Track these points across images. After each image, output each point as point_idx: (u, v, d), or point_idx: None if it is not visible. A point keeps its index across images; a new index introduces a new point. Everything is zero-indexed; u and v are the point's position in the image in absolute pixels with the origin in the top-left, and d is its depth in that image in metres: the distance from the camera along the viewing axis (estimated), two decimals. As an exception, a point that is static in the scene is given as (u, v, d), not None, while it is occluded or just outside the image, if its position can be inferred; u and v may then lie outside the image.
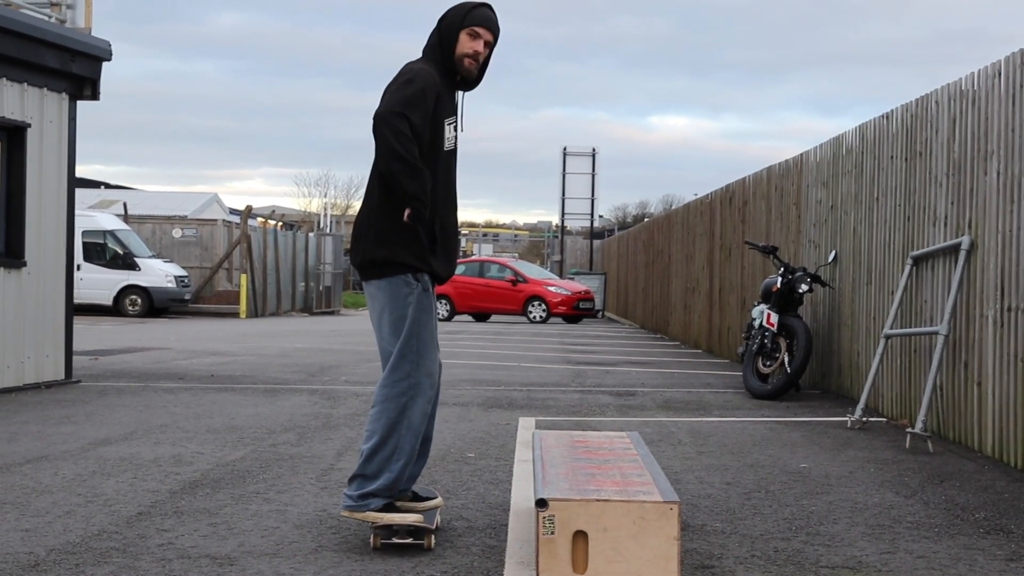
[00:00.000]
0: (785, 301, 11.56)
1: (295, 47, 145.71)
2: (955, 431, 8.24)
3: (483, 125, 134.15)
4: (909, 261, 9.21)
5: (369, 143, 4.96)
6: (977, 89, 8.05)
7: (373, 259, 4.99)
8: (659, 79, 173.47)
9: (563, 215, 46.17)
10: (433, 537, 4.90)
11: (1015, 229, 7.33)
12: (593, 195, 45.16)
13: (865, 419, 9.13)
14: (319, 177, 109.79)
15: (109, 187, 55.35)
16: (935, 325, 8.55)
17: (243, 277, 33.18)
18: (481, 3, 5.10)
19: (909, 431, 8.08)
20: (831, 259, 11.48)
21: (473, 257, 43.18)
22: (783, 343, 11.39)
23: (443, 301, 31.21)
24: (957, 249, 8.23)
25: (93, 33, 12.04)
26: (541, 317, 31.63)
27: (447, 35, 5.05)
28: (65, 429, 8.34)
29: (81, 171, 37.19)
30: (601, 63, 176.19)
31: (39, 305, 11.32)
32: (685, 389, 12.12)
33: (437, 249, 5.01)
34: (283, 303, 36.13)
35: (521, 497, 5.91)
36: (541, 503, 4.19)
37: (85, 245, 30.10)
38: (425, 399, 4.98)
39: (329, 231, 49.45)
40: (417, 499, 5.12)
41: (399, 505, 4.97)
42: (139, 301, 31.16)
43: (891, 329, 9.34)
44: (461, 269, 32.43)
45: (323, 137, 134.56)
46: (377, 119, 4.81)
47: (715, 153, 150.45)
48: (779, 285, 11.58)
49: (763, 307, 11.82)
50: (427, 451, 5.22)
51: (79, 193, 14.62)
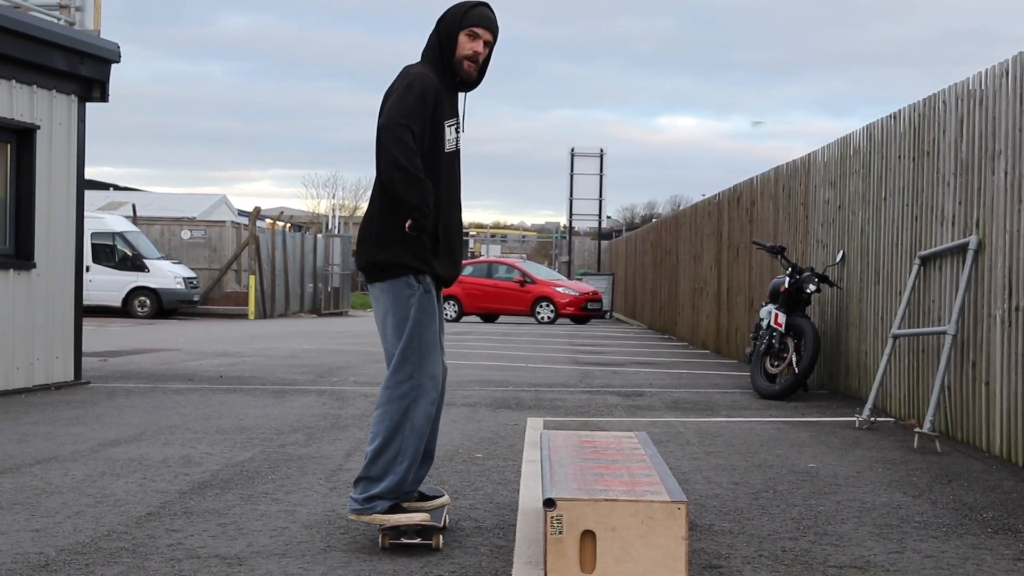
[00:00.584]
0: (793, 301, 11.55)
1: (302, 49, 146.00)
2: (963, 431, 8.23)
3: (491, 126, 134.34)
4: (917, 261, 9.20)
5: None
6: (984, 89, 8.04)
7: (376, 261, 4.99)
8: (667, 80, 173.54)
9: (571, 216, 46.12)
10: (441, 537, 4.90)
11: (1023, 229, 7.33)
12: (601, 196, 45.11)
13: (873, 419, 9.12)
14: (327, 178, 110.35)
15: (118, 189, 55.49)
16: (943, 325, 8.54)
17: (251, 278, 33.24)
18: (479, 2, 5.06)
19: (917, 431, 8.07)
20: (839, 259, 11.48)
21: (481, 258, 43.25)
22: (791, 343, 11.38)
23: (451, 302, 31.21)
24: (965, 249, 8.22)
25: (102, 35, 12.08)
26: (549, 318, 31.63)
27: (446, 37, 5.03)
28: (75, 430, 8.37)
29: (90, 173, 37.16)
30: (609, 64, 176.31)
31: (49, 307, 11.35)
32: (693, 389, 12.12)
33: (440, 251, 5.01)
34: (291, 304, 36.17)
35: (529, 497, 5.92)
36: (549, 503, 4.19)
37: (94, 247, 30.19)
38: (428, 401, 4.97)
39: (337, 232, 49.57)
40: (424, 498, 5.12)
41: (405, 505, 4.97)
42: (148, 302, 31.23)
43: (899, 329, 9.34)
44: (469, 270, 32.49)
45: (331, 138, 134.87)
46: (381, 131, 4.82)
47: (723, 153, 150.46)
48: (787, 285, 11.57)
49: (771, 307, 11.82)
50: (430, 460, 5.22)
51: (88, 195, 14.68)
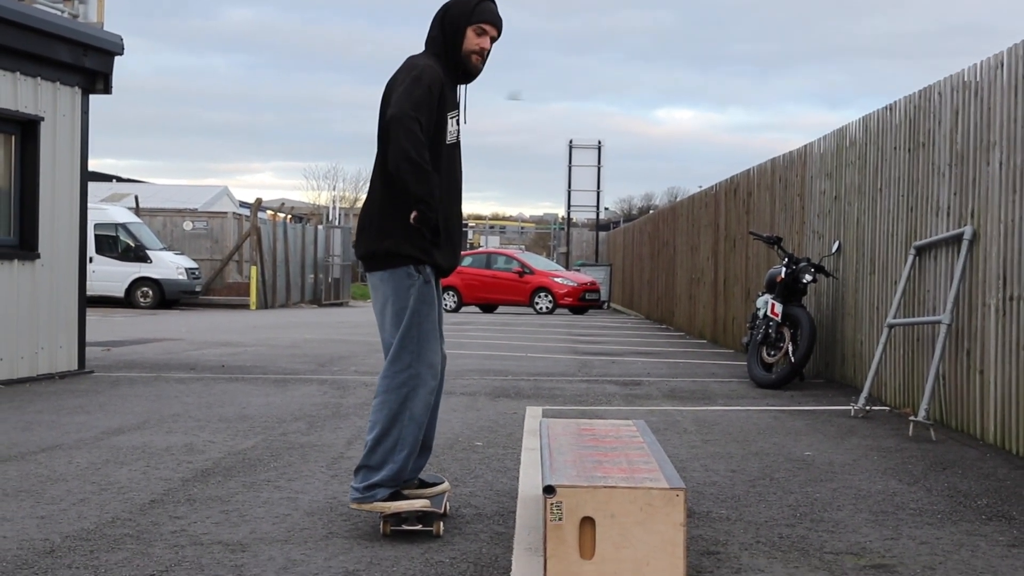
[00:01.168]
0: (789, 291, 11.60)
1: (305, 42, 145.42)
2: (958, 419, 8.29)
3: (490, 119, 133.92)
4: (912, 251, 9.25)
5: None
6: (980, 80, 8.08)
7: (376, 251, 5.00)
8: (665, 72, 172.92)
9: (569, 207, 46.12)
10: (442, 523, 4.93)
11: (1017, 219, 7.37)
12: (599, 187, 45.13)
13: (868, 408, 9.18)
14: (328, 170, 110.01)
15: (121, 180, 55.45)
16: (938, 314, 8.59)
17: (253, 269, 33.25)
18: None
19: (912, 419, 8.12)
20: (835, 249, 11.52)
21: (480, 249, 43.20)
22: (787, 333, 11.42)
23: (450, 292, 31.22)
24: (960, 239, 8.27)
25: (105, 28, 12.12)
26: (547, 308, 31.65)
27: (452, 31, 5.01)
28: (79, 419, 8.41)
29: (93, 165, 37.24)
30: (608, 57, 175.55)
31: (52, 297, 11.41)
32: (690, 378, 12.17)
33: (440, 241, 5.00)
34: (292, 295, 36.19)
35: (529, 484, 5.96)
36: (549, 490, 4.18)
37: (97, 238, 30.19)
38: (427, 390, 4.98)
39: (338, 223, 49.57)
40: (424, 485, 5.15)
41: (406, 492, 4.99)
42: (151, 293, 31.26)
43: (894, 318, 9.39)
44: (468, 261, 32.48)
45: (332, 131, 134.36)
46: (393, 121, 4.79)
47: (721, 146, 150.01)
48: (783, 275, 11.62)
49: (767, 297, 11.86)
50: (428, 451, 5.25)
51: (91, 187, 14.71)
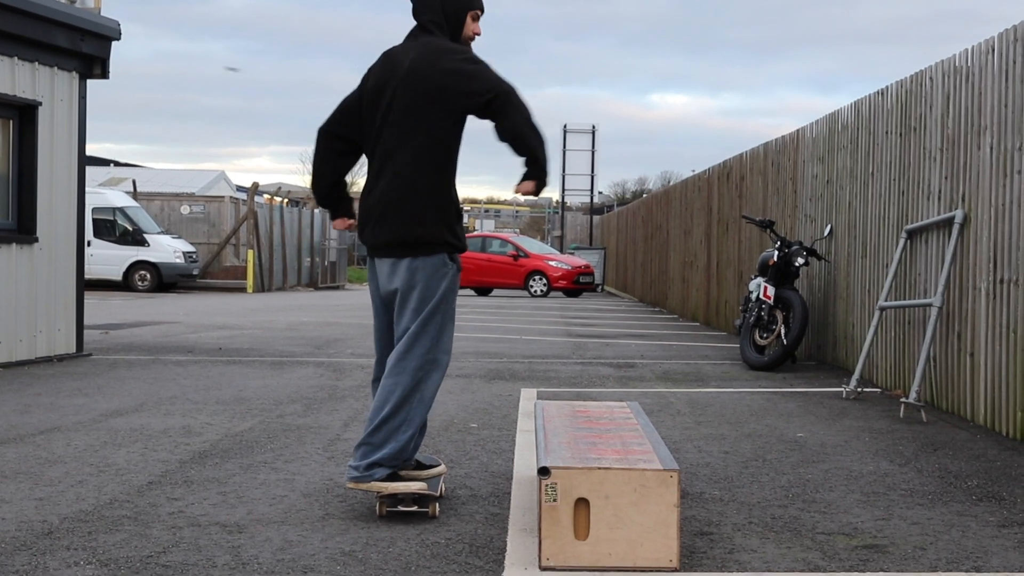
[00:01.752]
0: (781, 274, 11.64)
1: (302, 27, 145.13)
2: (948, 401, 8.35)
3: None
4: (903, 235, 9.30)
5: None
6: (971, 65, 8.12)
7: (414, 237, 4.96)
8: (659, 58, 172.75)
9: (563, 191, 46.18)
10: (438, 505, 4.96)
11: (1007, 203, 7.42)
12: (593, 172, 45.14)
13: (860, 390, 9.24)
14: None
15: (119, 165, 55.28)
16: (929, 297, 8.64)
17: (250, 253, 33.25)
18: None
19: (903, 401, 8.17)
20: (827, 233, 11.57)
21: (475, 232, 43.17)
22: (779, 315, 11.46)
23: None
24: (951, 223, 8.31)
25: (102, 13, 12.10)
26: (542, 291, 31.70)
27: (455, 16, 5.12)
28: (77, 401, 8.45)
29: (91, 149, 37.21)
30: (602, 42, 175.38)
31: (51, 280, 11.44)
32: (683, 361, 12.23)
33: (460, 225, 5.11)
34: (289, 278, 36.21)
35: (523, 466, 6.00)
36: (544, 471, 4.21)
37: (95, 222, 30.22)
38: (440, 374, 5.03)
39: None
40: (420, 467, 5.17)
41: (403, 474, 5.02)
42: (148, 276, 31.29)
43: (885, 301, 9.44)
44: (463, 244, 32.49)
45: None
46: (514, 95, 4.96)
47: (714, 131, 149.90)
48: (776, 259, 11.66)
49: (760, 280, 11.91)
50: (423, 431, 5.23)
51: (89, 171, 14.75)
